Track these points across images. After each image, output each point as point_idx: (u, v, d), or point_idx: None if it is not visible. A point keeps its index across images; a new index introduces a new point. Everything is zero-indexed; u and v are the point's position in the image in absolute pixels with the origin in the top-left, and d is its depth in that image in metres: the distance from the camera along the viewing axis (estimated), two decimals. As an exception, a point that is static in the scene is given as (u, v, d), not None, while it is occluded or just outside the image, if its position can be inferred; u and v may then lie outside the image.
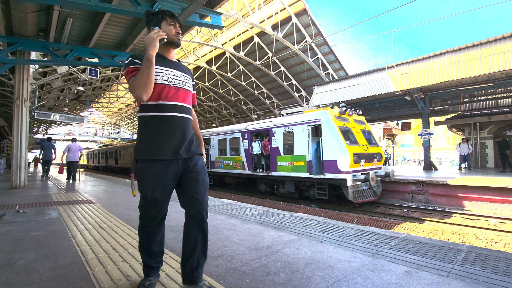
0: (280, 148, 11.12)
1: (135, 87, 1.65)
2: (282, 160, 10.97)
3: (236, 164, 13.32)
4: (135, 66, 1.73)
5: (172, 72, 1.83)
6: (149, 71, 1.64)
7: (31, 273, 2.19)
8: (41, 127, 36.13)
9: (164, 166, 1.76)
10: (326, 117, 9.61)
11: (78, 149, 11.20)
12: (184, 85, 1.88)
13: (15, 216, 4.35)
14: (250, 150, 12.60)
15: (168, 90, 1.78)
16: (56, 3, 5.77)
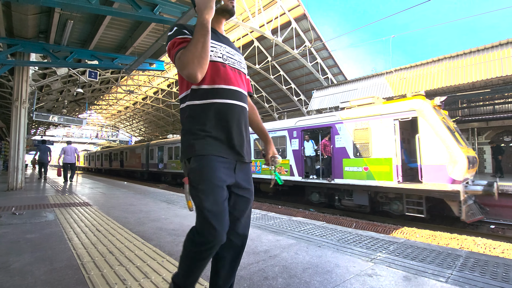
0: (348, 149, 8.89)
1: (187, 62, 1.24)
2: (351, 164, 8.77)
3: (280, 169, 12.13)
4: (184, 37, 1.34)
5: (226, 49, 1.45)
6: (205, 40, 1.26)
7: (26, 276, 2.17)
8: (40, 128, 36.00)
9: (227, 168, 1.36)
10: (425, 108, 7.44)
11: (73, 151, 11.36)
12: (240, 66, 1.51)
13: (11, 218, 4.31)
14: (302, 151, 10.34)
15: (225, 70, 1.40)
16: (57, 6, 5.79)
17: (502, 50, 10.83)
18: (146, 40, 9.46)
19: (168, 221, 4.18)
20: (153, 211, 5.07)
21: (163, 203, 6.18)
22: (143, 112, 41.23)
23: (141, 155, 24.15)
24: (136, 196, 7.45)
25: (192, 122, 1.38)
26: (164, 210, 5.24)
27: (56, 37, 8.41)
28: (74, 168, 11.46)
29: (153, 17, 6.44)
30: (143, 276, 2.17)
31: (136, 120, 48.33)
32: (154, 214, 4.77)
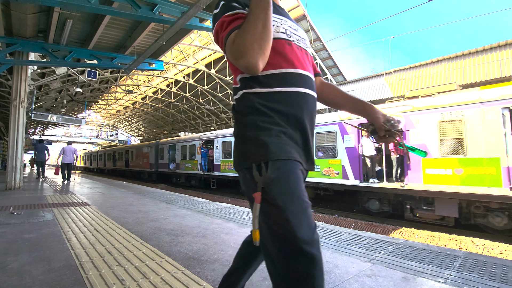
0: (430, 146, 7.24)
1: (244, 49, 0.91)
2: (435, 165, 7.09)
3: (329, 170, 9.25)
4: (237, 13, 1.00)
5: (288, 23, 1.12)
6: (267, 16, 0.92)
7: (23, 276, 2.16)
8: (38, 128, 35.90)
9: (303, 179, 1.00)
10: None
11: (73, 151, 11.59)
12: (305, 44, 1.17)
13: (8, 218, 4.29)
14: (359, 149, 8.70)
15: (291, 50, 1.06)
16: (56, 5, 5.79)
17: (500, 51, 10.88)
18: (146, 39, 9.45)
19: (167, 221, 4.17)
20: (152, 211, 5.06)
21: (162, 203, 6.17)
22: (142, 112, 41.17)
23: (149, 154, 22.39)
24: (135, 196, 7.44)
25: (257, 113, 0.99)
26: (163, 210, 5.23)
27: (55, 37, 8.39)
28: (70, 168, 11.84)
29: (152, 17, 6.43)
30: (142, 276, 2.17)
31: (135, 120, 48.26)
32: (153, 214, 4.76)
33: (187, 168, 17.36)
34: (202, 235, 3.37)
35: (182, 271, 2.26)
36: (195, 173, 16.77)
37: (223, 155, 14.08)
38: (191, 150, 17.16)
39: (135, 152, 25.07)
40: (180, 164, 18.31)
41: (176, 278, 2.13)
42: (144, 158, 23.23)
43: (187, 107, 33.49)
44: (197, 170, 16.43)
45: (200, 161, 16.23)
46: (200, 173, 16.23)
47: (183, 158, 18.05)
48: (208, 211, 5.19)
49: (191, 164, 17.03)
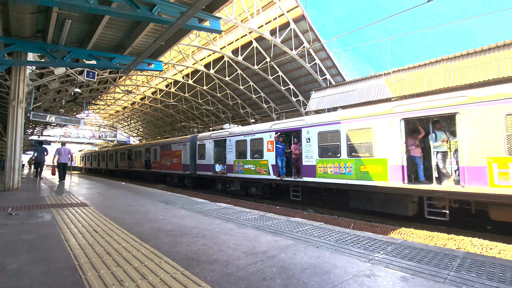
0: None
1: None
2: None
3: None
4: None
5: None
6: None
7: (22, 277, 2.15)
8: (37, 128, 35.78)
9: None
10: None
11: (67, 152, 12.07)
12: None
13: (7, 219, 4.28)
14: None
15: None
16: (55, 5, 5.77)
17: (499, 52, 10.92)
18: (145, 40, 9.44)
19: (166, 222, 4.16)
20: (151, 212, 5.06)
21: (161, 203, 6.16)
22: (141, 112, 41.12)
23: (181, 153, 17.47)
24: (134, 196, 7.42)
25: None
26: (162, 210, 5.23)
27: (54, 37, 8.37)
28: (65, 168, 12.23)
29: (151, 17, 6.43)
30: (141, 277, 2.16)
31: (134, 120, 48.19)
32: (152, 215, 4.76)
33: (248, 171, 12.35)
34: (201, 236, 3.36)
35: (181, 272, 2.26)
36: (261, 178, 11.73)
37: (321, 152, 9.48)
38: (255, 146, 12.13)
39: (159, 150, 20.02)
40: (235, 165, 13.14)
41: (175, 279, 2.13)
42: (173, 157, 18.22)
43: (186, 108, 33.46)
44: (265, 174, 11.44)
45: (272, 161, 11.19)
46: (272, 178, 11.23)
47: (239, 158, 12.97)
48: (207, 211, 5.19)
49: (254, 165, 12.06)
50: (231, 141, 13.67)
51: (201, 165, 15.86)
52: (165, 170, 19.33)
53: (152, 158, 21.21)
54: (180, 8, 6.63)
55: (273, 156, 11.21)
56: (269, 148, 11.47)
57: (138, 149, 24.12)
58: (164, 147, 19.76)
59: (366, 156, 8.32)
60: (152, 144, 21.97)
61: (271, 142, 11.42)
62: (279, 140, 11.25)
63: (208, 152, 15.31)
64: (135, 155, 24.50)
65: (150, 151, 21.57)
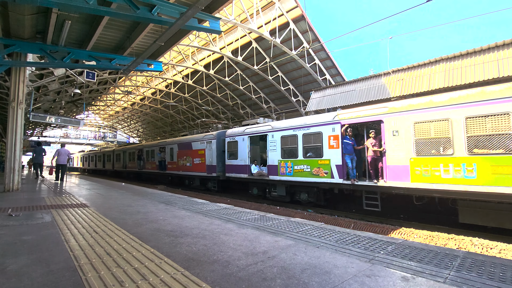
0: None
1: None
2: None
3: None
4: None
5: None
6: None
7: (22, 278, 2.15)
8: (36, 129, 35.78)
9: None
10: None
11: (66, 153, 12.25)
12: None
13: (7, 220, 4.27)
14: None
15: None
16: (54, 6, 5.77)
17: (498, 52, 10.93)
18: (144, 40, 9.45)
19: (166, 222, 4.16)
20: (151, 213, 5.05)
21: (161, 204, 6.16)
22: (141, 113, 41.12)
23: (205, 152, 14.96)
24: (133, 197, 7.42)
25: None
26: (162, 211, 5.22)
27: (54, 38, 8.37)
28: (64, 169, 12.44)
29: (151, 18, 6.43)
30: (141, 277, 2.16)
31: (134, 121, 48.20)
32: (152, 215, 4.75)
33: (300, 173, 9.99)
34: (202, 236, 3.36)
35: (182, 272, 2.26)
36: (320, 182, 9.46)
37: (417, 149, 7.21)
38: (311, 142, 9.87)
39: (176, 149, 17.66)
40: (280, 166, 10.77)
41: (175, 280, 2.12)
42: (195, 157, 15.76)
43: (186, 108, 33.47)
44: (326, 176, 9.23)
45: (337, 161, 8.97)
46: (336, 181, 9.00)
47: (286, 157, 10.63)
48: (207, 212, 5.19)
49: (309, 165, 9.76)
50: (274, 137, 11.12)
51: (232, 166, 13.19)
52: (184, 172, 16.88)
53: (168, 158, 18.71)
54: (180, 8, 6.64)
55: (339, 154, 8.90)
56: (332, 145, 9.18)
57: (150, 149, 21.44)
58: (183, 145, 17.20)
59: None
60: (168, 142, 19.01)
61: (335, 137, 9.11)
62: (347, 134, 8.89)
63: (241, 150, 12.69)
64: (146, 155, 21.91)
65: (166, 150, 19.03)
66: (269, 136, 11.37)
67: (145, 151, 22.35)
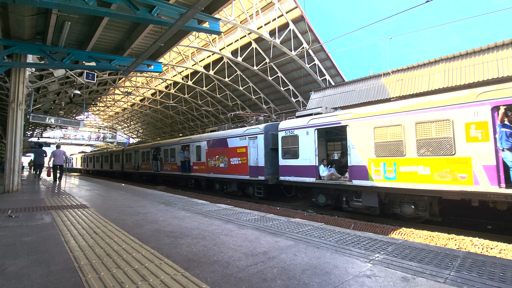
0: None
1: None
2: None
3: None
4: None
5: None
6: None
7: (22, 279, 2.14)
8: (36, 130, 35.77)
9: None
10: None
11: (62, 154, 12.51)
12: None
13: (6, 221, 4.27)
14: None
15: None
16: (54, 7, 5.78)
17: (498, 52, 10.94)
18: (144, 41, 9.46)
19: (166, 223, 4.16)
20: (151, 213, 5.05)
21: (161, 205, 6.15)
22: (141, 114, 41.14)
23: (247, 150, 12.23)
24: (133, 198, 7.42)
25: None
26: (162, 212, 5.22)
27: (53, 39, 8.38)
28: (62, 170, 12.88)
29: (151, 19, 6.44)
30: (141, 278, 2.16)
31: (134, 121, 48.21)
32: (151, 216, 4.75)
33: (410, 176, 7.26)
34: (202, 237, 3.36)
35: (182, 273, 2.26)
36: (451, 191, 6.57)
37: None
38: (431, 133, 7.01)
39: (205, 147, 14.82)
40: (373, 167, 7.98)
41: (175, 280, 2.12)
42: (232, 156, 13.05)
43: (185, 109, 33.48)
44: (463, 182, 6.43)
45: (488, 159, 6.16)
46: (482, 190, 6.14)
47: (382, 155, 7.80)
48: (207, 212, 5.19)
49: (431, 167, 6.90)
50: (359, 127, 8.31)
51: (290, 167, 10.34)
52: (217, 175, 14.00)
53: (194, 158, 15.89)
54: (180, 9, 6.65)
55: (491, 148, 6.02)
56: (476, 136, 6.28)
57: (169, 147, 18.30)
58: (214, 142, 14.22)
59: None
60: (194, 139, 16.06)
61: (481, 125, 6.21)
62: (506, 119, 6.01)
63: (305, 147, 9.89)
64: (164, 155, 18.81)
65: (190, 148, 16.29)
66: (349, 128, 8.52)
67: (163, 150, 19.02)
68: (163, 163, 19.21)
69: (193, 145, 16.08)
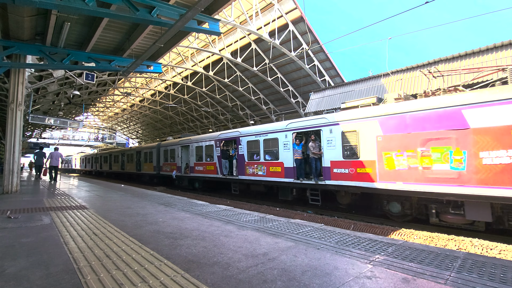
0: None
1: None
2: None
3: None
4: None
5: None
6: None
7: (21, 281, 2.13)
8: (36, 131, 35.71)
9: None
10: None
11: (59, 156, 13.70)
12: None
13: (5, 222, 4.25)
14: None
15: None
16: (53, 8, 5.77)
17: (496, 52, 10.97)
18: (144, 42, 9.45)
19: (165, 224, 4.15)
20: (151, 214, 5.04)
21: (160, 206, 6.14)
22: (141, 115, 41.11)
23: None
24: (133, 199, 7.40)
25: None
26: (161, 213, 5.21)
27: (53, 39, 8.37)
28: (57, 170, 14.07)
29: (151, 19, 6.44)
30: (141, 280, 2.15)
31: (133, 122, 48.16)
32: (151, 217, 4.74)
33: None
34: (201, 238, 3.35)
35: (182, 275, 2.25)
36: None
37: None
38: None
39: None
40: None
41: (175, 282, 2.11)
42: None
43: (185, 109, 33.47)
44: None
45: None
46: None
47: None
48: (207, 213, 5.18)
49: None
50: None
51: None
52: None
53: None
54: (179, 10, 6.65)
55: None
56: None
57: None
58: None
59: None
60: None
61: None
62: None
63: None
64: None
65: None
66: None
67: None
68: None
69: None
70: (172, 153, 17.68)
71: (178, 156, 16.89)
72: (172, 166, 17.36)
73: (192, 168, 15.33)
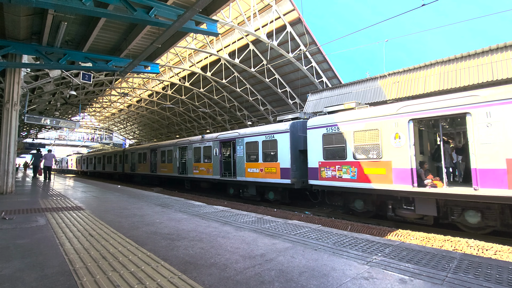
0: None
1: None
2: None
3: None
4: None
5: None
6: None
7: (16, 283, 2.11)
8: (31, 131, 35.39)
9: None
10: None
11: (52, 157, 14.96)
12: None
13: (0, 223, 4.20)
14: None
15: None
16: (50, 7, 5.73)
17: (492, 55, 11.10)
18: (141, 42, 9.42)
19: (162, 225, 4.13)
20: (147, 215, 5.01)
21: (157, 206, 6.11)
22: (138, 115, 40.92)
23: None
24: (129, 200, 7.35)
25: None
26: (158, 214, 5.18)
27: (49, 39, 8.31)
28: (50, 170, 15.12)
29: (148, 20, 6.42)
30: (137, 281, 2.14)
31: (131, 123, 47.92)
32: (148, 218, 4.71)
33: None
34: (199, 239, 3.34)
35: (179, 276, 2.24)
36: None
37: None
38: None
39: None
40: None
41: (172, 283, 2.10)
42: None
43: (182, 110, 33.38)
44: None
45: None
46: None
47: None
48: (204, 214, 5.16)
49: None
50: None
51: None
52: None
53: None
54: (177, 10, 6.64)
55: None
56: None
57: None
58: None
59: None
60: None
61: None
62: None
63: None
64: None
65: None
66: None
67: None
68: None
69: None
70: None
71: None
72: None
73: None
